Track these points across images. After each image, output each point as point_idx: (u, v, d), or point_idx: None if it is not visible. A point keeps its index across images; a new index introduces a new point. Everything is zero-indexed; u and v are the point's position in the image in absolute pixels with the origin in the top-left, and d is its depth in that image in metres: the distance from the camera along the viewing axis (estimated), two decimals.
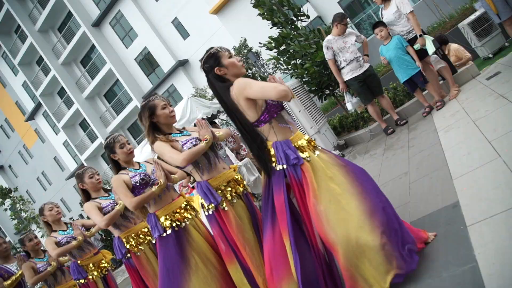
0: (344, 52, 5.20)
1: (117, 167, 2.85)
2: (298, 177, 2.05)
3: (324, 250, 2.08)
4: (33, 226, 20.08)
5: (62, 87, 25.90)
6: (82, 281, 3.53)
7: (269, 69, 14.70)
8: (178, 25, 21.60)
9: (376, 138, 5.57)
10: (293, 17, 6.69)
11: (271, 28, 6.91)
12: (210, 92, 15.77)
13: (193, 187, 7.36)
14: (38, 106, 28.22)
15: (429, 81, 4.84)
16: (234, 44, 16.04)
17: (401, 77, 4.83)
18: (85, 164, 26.45)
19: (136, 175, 2.72)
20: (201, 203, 2.31)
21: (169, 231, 2.53)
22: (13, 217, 22.14)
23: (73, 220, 6.18)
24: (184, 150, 2.26)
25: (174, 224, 2.58)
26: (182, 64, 21.78)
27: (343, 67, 5.26)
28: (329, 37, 5.34)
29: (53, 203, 3.86)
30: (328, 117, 7.36)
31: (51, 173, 31.16)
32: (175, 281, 2.35)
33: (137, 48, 23.07)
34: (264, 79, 8.79)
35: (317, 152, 2.14)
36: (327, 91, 6.69)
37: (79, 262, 3.58)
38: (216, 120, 7.08)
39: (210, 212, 2.26)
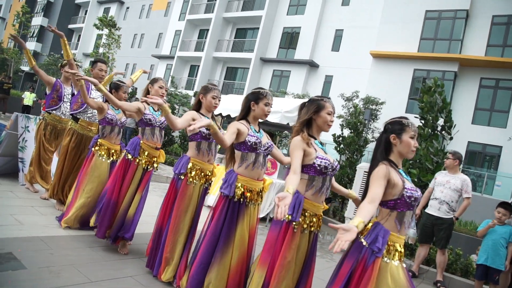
0: (439, 188, 5.13)
1: (245, 116, 2.84)
2: (368, 262, 2.07)
3: None
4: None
5: None
6: (129, 156, 3.59)
7: (371, 138, 14.57)
8: (337, 36, 21.67)
9: None
10: (441, 126, 6.55)
11: (415, 117, 6.79)
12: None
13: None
14: None
15: (499, 284, 4.60)
16: (368, 93, 15.93)
17: (482, 259, 4.57)
18: (174, 59, 27.44)
19: (253, 137, 2.71)
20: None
21: (235, 199, 2.65)
22: (97, 45, 23.53)
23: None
24: (316, 163, 2.33)
25: (241, 197, 2.68)
26: (312, 65, 21.94)
27: (431, 199, 5.26)
28: (444, 171, 5.39)
29: (165, 82, 3.80)
30: None
31: (147, 41, 32.72)
32: (221, 243, 2.50)
33: (293, 22, 23.43)
34: (366, 141, 8.75)
35: (396, 263, 2.12)
36: None
37: (141, 142, 3.65)
38: None
39: (281, 220, 2.28)
